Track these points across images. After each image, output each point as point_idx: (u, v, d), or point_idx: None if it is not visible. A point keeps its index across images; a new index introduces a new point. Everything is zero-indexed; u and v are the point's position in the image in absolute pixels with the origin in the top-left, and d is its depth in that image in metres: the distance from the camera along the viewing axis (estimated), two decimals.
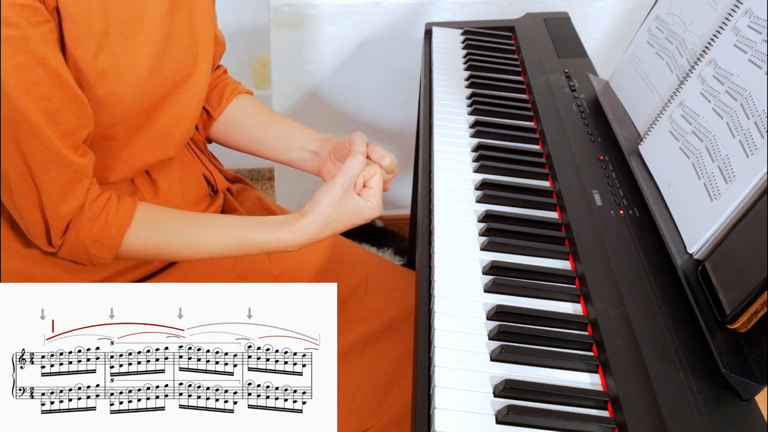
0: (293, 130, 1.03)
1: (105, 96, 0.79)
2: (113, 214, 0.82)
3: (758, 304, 0.67)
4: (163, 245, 0.85)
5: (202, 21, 0.90)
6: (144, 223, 0.84)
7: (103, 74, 0.78)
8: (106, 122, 0.81)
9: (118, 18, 0.78)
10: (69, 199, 0.79)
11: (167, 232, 0.86)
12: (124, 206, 0.83)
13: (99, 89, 0.78)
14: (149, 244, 0.85)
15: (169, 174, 0.96)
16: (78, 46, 0.75)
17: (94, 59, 0.76)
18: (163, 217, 0.87)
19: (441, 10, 1.60)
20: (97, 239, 0.82)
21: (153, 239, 0.85)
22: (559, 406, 0.67)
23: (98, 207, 0.82)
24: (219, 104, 1.04)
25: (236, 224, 0.87)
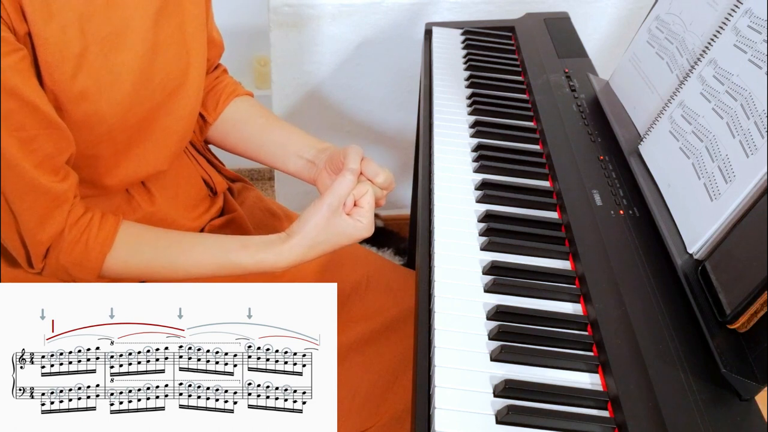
0: (291, 137, 1.00)
1: (86, 116, 0.77)
2: (93, 238, 0.81)
3: (758, 304, 0.67)
4: (144, 267, 0.84)
5: (193, 28, 0.88)
6: (125, 245, 0.83)
7: (83, 95, 0.76)
8: (89, 141, 0.80)
9: (98, 35, 0.76)
10: (47, 226, 0.78)
11: (149, 253, 0.84)
12: (105, 228, 0.82)
13: (79, 110, 0.77)
14: (130, 265, 0.84)
15: (165, 181, 0.96)
16: (54, 70, 0.73)
17: (72, 81, 0.75)
18: (145, 238, 0.85)
19: (441, 10, 1.60)
20: (77, 262, 0.81)
21: (134, 261, 0.84)
22: (559, 406, 0.67)
23: (79, 230, 0.81)
24: (215, 108, 1.03)
25: (220, 245, 0.86)
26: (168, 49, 0.85)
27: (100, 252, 0.81)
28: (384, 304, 1.06)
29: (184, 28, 0.87)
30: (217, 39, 1.01)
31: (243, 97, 1.05)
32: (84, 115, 0.77)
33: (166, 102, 0.87)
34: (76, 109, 0.76)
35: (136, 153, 0.87)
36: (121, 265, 0.83)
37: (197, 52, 0.90)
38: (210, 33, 0.98)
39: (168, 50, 0.85)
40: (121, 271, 0.84)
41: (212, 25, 1.00)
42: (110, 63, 0.78)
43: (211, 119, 1.03)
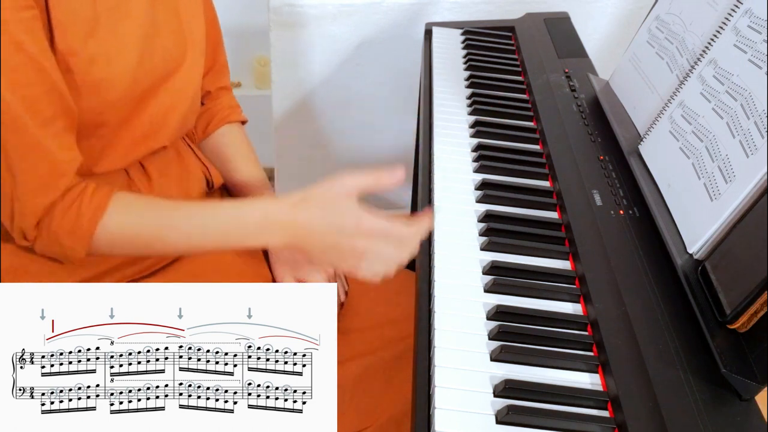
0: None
1: (96, 81, 0.78)
2: (87, 204, 0.79)
3: (758, 304, 0.67)
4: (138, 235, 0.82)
5: (188, 11, 0.91)
6: (118, 212, 0.81)
7: (93, 60, 0.77)
8: (97, 108, 0.81)
9: (106, 4, 0.78)
10: (46, 192, 0.77)
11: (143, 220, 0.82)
12: (98, 196, 0.80)
13: (90, 74, 0.78)
14: (126, 234, 0.81)
15: (164, 167, 0.96)
16: (67, 31, 0.74)
17: (84, 44, 0.76)
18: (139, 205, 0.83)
19: (441, 10, 1.60)
20: (69, 230, 0.79)
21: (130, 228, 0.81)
22: (559, 406, 0.67)
23: (71, 197, 0.79)
24: (204, 129, 1.06)
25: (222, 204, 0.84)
26: (166, 29, 0.86)
27: (92, 218, 0.79)
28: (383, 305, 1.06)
29: (179, 14, 0.89)
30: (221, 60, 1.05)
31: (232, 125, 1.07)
32: (95, 79, 0.78)
33: (167, 79, 0.88)
34: (86, 73, 0.77)
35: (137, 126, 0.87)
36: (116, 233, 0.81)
37: (194, 35, 0.91)
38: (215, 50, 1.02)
39: (166, 30, 0.86)
40: (114, 239, 0.82)
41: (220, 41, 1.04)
42: (118, 31, 0.79)
43: (198, 139, 1.07)
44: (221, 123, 1.06)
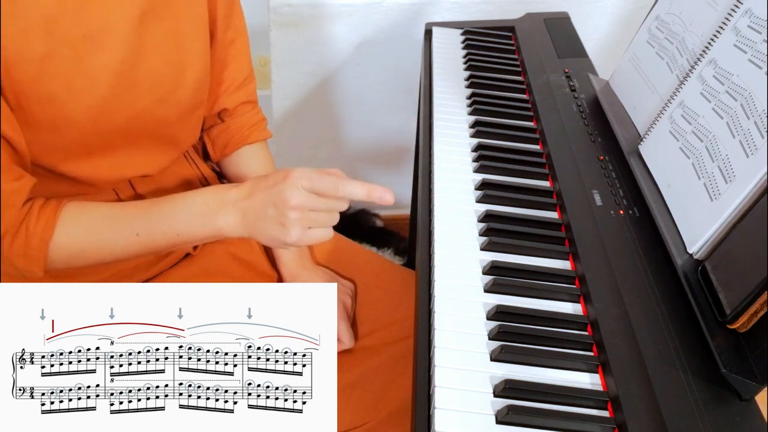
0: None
1: (53, 119, 0.75)
2: (34, 225, 0.77)
3: (758, 304, 0.67)
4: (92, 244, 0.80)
5: (188, 30, 0.85)
6: (66, 226, 0.79)
7: (50, 98, 0.74)
8: (57, 143, 0.78)
9: (69, 37, 0.73)
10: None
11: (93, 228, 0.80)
12: (45, 214, 0.78)
13: (45, 113, 0.74)
14: (78, 246, 0.79)
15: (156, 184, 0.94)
16: (12, 71, 0.71)
17: (35, 83, 0.72)
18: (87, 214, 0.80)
19: (441, 10, 1.60)
20: (21, 254, 0.77)
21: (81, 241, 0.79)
22: (559, 406, 0.67)
23: (17, 221, 0.77)
24: (222, 150, 1.01)
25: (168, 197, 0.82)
26: (157, 53, 0.81)
27: (41, 240, 0.77)
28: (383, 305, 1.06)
29: (178, 31, 0.84)
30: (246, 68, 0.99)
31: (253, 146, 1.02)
32: (50, 117, 0.75)
33: (155, 107, 0.83)
34: (41, 111, 0.74)
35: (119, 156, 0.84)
36: (66, 248, 0.79)
37: (194, 55, 0.86)
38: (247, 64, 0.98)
39: (157, 54, 0.81)
40: (69, 254, 0.79)
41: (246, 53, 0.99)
42: (85, 65, 0.75)
43: (215, 158, 1.02)
44: (240, 144, 1.01)
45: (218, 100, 0.99)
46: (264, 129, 1.04)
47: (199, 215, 0.80)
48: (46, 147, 0.78)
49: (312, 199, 0.76)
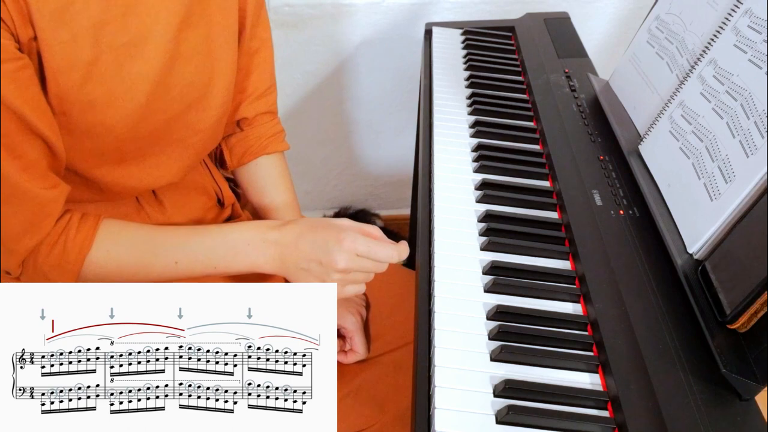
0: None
1: (92, 126, 0.76)
2: (72, 239, 0.78)
3: (758, 304, 0.67)
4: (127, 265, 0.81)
5: (220, 37, 0.85)
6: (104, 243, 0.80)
7: (92, 104, 0.75)
8: (94, 149, 0.78)
9: (113, 44, 0.74)
10: (32, 234, 0.76)
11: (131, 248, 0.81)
12: (84, 229, 0.79)
13: (85, 119, 0.75)
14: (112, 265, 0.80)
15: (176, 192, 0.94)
16: (60, 77, 0.72)
17: (80, 89, 0.73)
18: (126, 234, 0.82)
19: (441, 10, 1.60)
20: (56, 265, 0.78)
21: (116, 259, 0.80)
22: (559, 406, 0.67)
23: (57, 232, 0.78)
24: (239, 159, 1.01)
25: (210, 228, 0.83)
26: (190, 60, 0.82)
27: (78, 254, 0.78)
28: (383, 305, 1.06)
29: (211, 38, 0.84)
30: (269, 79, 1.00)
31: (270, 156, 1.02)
32: (90, 123, 0.76)
33: (184, 114, 0.84)
34: (82, 118, 0.75)
35: (148, 164, 0.85)
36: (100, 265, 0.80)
37: (224, 62, 0.87)
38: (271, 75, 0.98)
39: (190, 61, 0.82)
40: (101, 271, 0.80)
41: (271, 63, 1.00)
42: (124, 72, 0.76)
43: (232, 166, 1.02)
44: (258, 154, 1.01)
45: (238, 109, 0.99)
46: (282, 140, 1.04)
47: (239, 252, 0.82)
48: (82, 152, 0.78)
49: (358, 263, 0.79)
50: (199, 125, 0.87)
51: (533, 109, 1.12)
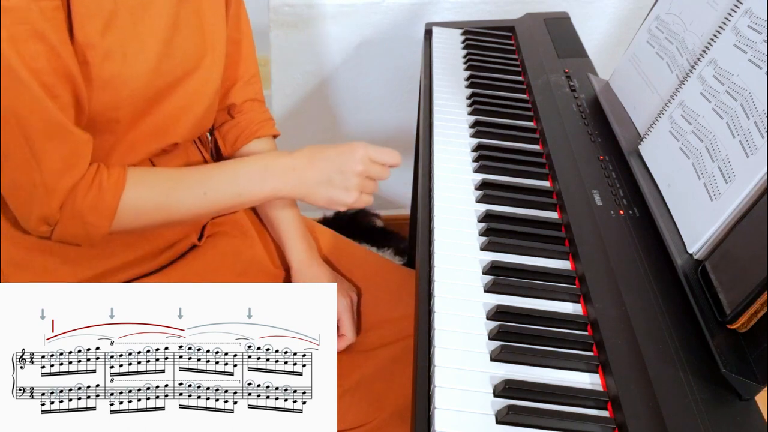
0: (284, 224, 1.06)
1: (110, 77, 0.79)
2: (106, 179, 0.82)
3: (758, 304, 0.67)
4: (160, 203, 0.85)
5: (209, 15, 0.91)
6: (136, 184, 0.84)
7: (109, 54, 0.78)
8: (110, 103, 0.82)
9: (127, 3, 0.79)
10: (70, 173, 0.79)
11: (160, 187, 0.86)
12: (115, 171, 0.83)
13: (105, 69, 0.79)
14: (146, 204, 0.85)
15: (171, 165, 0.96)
16: (85, 23, 0.76)
17: (101, 37, 0.77)
18: (153, 175, 0.87)
19: (441, 10, 1.60)
20: (93, 206, 0.81)
21: (149, 198, 0.85)
22: (559, 406, 0.67)
23: (91, 174, 0.81)
24: (233, 144, 1.05)
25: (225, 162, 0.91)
26: (186, 31, 0.87)
27: (114, 193, 0.82)
28: (383, 305, 1.07)
29: (201, 14, 0.89)
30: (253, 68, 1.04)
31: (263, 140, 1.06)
32: (109, 74, 0.79)
33: (183, 80, 0.88)
34: (102, 68, 0.79)
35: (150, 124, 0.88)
36: (135, 205, 0.84)
37: (214, 39, 0.92)
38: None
39: (186, 32, 0.87)
40: (136, 211, 0.84)
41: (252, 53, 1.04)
42: (137, 30, 0.80)
43: (226, 153, 1.05)
44: (250, 138, 1.04)
45: (226, 95, 1.03)
46: (272, 127, 1.08)
47: (259, 178, 0.89)
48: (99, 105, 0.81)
49: (371, 168, 0.90)
50: (195, 94, 0.91)
51: (533, 109, 1.12)
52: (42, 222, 0.81)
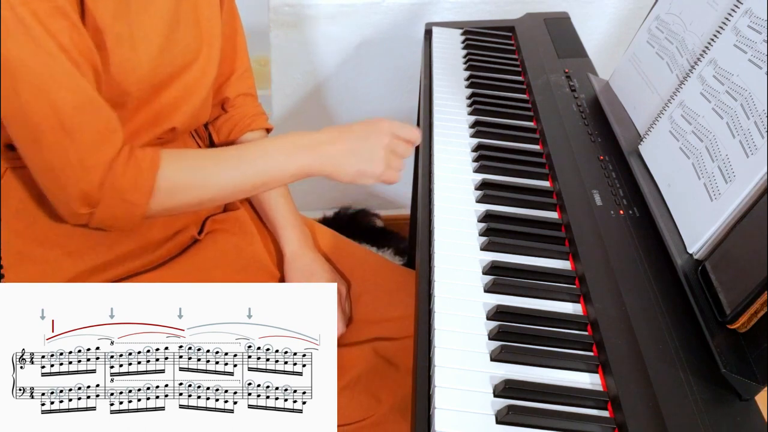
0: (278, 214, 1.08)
1: (120, 62, 0.81)
2: (142, 157, 0.82)
3: (758, 304, 0.67)
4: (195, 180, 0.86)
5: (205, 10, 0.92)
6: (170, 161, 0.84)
7: (120, 39, 0.80)
8: (119, 88, 0.82)
9: None
10: (105, 146, 0.79)
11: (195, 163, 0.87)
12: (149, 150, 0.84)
13: (115, 54, 0.80)
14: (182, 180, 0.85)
15: None
16: (98, 7, 0.77)
17: (113, 20, 0.78)
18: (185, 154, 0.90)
19: (441, 10, 1.60)
20: (132, 182, 0.81)
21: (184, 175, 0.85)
22: (559, 406, 0.67)
23: (125, 153, 0.81)
24: (226, 138, 1.06)
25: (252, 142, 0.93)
26: (186, 23, 0.89)
27: (151, 168, 0.82)
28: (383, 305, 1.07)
29: (197, 8, 0.91)
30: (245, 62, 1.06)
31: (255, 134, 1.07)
32: (119, 59, 0.80)
33: (182, 72, 0.90)
34: (113, 51, 0.80)
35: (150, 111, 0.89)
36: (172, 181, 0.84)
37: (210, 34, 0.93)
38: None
39: (186, 24, 0.89)
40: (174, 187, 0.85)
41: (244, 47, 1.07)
42: (142, 19, 0.82)
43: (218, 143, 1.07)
44: (243, 131, 1.06)
45: (220, 89, 1.05)
46: (265, 121, 1.09)
47: (288, 153, 0.89)
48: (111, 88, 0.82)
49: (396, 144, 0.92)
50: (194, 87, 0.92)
51: (533, 109, 1.12)
52: (83, 202, 0.80)
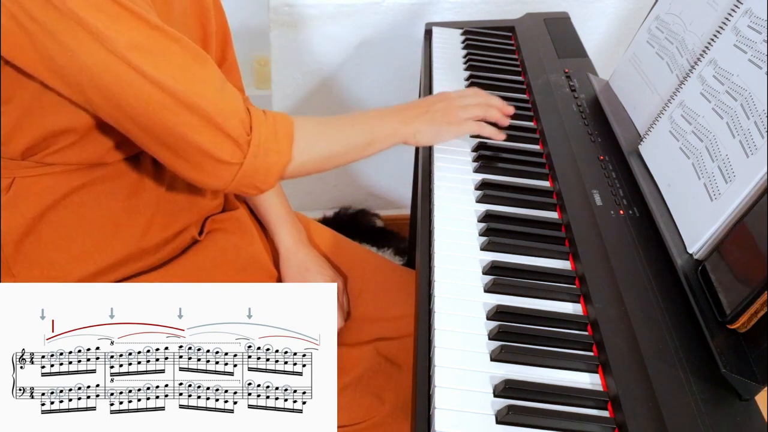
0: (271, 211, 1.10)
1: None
2: (273, 114, 0.85)
3: (758, 304, 0.67)
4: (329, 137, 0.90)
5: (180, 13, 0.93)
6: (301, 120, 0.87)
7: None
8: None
9: None
10: (227, 92, 0.80)
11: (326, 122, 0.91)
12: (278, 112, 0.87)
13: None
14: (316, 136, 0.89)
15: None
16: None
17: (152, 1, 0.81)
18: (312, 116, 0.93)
19: (441, 10, 1.60)
20: (273, 132, 0.83)
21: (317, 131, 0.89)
22: (559, 406, 0.67)
23: (256, 109, 0.84)
24: None
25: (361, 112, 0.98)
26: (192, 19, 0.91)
27: (285, 119, 0.85)
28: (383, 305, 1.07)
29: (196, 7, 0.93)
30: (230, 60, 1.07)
31: None
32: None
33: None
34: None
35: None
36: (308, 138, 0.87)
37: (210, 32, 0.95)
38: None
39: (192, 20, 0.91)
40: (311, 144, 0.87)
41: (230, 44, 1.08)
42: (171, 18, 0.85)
43: None
44: None
45: None
46: None
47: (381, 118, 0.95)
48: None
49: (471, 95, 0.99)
50: None
51: (533, 109, 1.12)
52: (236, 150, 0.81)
